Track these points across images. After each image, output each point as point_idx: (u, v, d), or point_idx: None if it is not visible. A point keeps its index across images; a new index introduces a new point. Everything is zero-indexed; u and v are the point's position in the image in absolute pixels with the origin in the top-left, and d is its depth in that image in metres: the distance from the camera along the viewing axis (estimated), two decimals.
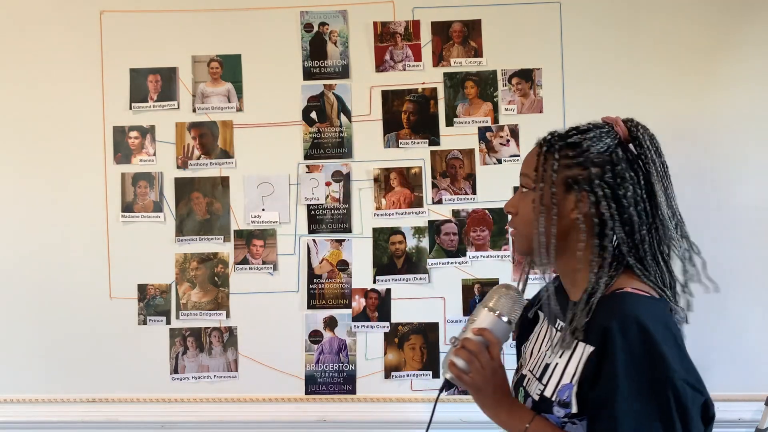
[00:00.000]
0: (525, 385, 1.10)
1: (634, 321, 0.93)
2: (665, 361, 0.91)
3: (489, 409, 1.06)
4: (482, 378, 1.03)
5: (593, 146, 1.02)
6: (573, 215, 1.02)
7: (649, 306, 0.98)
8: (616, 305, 0.97)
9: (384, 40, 1.83)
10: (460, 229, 1.82)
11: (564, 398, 0.99)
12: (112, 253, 1.86)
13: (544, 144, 1.06)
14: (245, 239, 1.85)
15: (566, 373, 1.00)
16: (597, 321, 0.97)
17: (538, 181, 1.03)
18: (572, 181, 1.02)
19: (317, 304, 1.84)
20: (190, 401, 1.86)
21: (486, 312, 1.06)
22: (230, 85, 1.85)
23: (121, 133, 1.86)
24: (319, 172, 1.84)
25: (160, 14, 1.85)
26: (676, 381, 0.91)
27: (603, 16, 1.78)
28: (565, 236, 1.03)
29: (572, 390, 0.98)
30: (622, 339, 0.92)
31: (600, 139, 1.03)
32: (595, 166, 1.01)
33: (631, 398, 0.91)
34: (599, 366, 0.94)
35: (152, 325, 1.86)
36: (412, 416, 1.81)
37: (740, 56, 1.76)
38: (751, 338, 1.76)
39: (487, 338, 1.04)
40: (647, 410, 0.91)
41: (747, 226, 1.76)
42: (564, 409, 0.99)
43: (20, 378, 1.88)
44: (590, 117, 1.13)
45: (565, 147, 1.03)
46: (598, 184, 1.00)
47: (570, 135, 1.05)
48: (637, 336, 0.92)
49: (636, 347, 0.92)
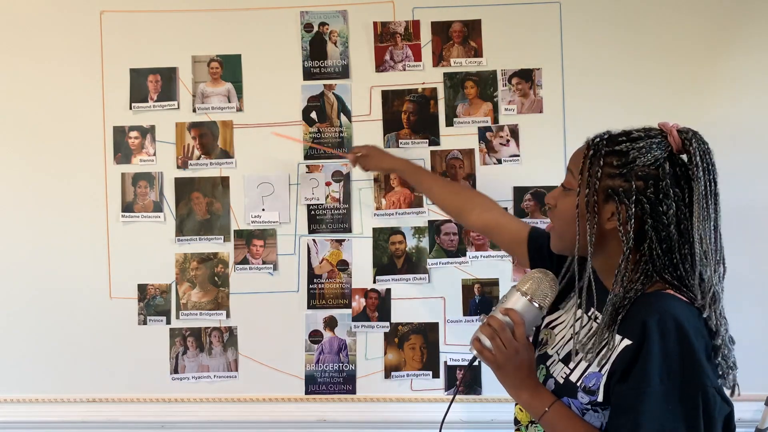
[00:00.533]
0: (548, 364, 1.10)
1: (674, 321, 0.93)
2: (701, 367, 0.92)
3: (510, 388, 1.07)
4: (503, 356, 1.03)
5: (640, 158, 0.98)
6: (609, 225, 1.01)
7: (687, 310, 0.97)
8: (658, 303, 0.96)
9: (384, 40, 1.83)
10: (460, 229, 1.82)
11: (590, 385, 1.00)
12: (112, 253, 1.86)
13: (592, 146, 1.03)
14: (245, 239, 1.85)
15: (595, 361, 1.00)
16: (635, 315, 0.97)
17: (583, 186, 1.02)
18: (612, 192, 1.00)
19: (317, 304, 1.84)
20: (189, 401, 1.86)
21: (518, 295, 1.07)
22: (230, 85, 1.85)
23: (121, 133, 1.86)
24: (319, 172, 1.84)
25: (160, 14, 1.85)
26: (708, 389, 0.92)
27: (603, 15, 1.78)
28: (601, 242, 1.02)
29: (600, 379, 0.99)
30: (660, 338, 0.92)
31: (649, 150, 0.99)
32: (638, 180, 0.98)
33: (661, 399, 0.91)
34: (633, 361, 0.94)
35: (152, 325, 1.86)
36: (412, 416, 1.82)
37: (741, 57, 1.76)
38: (751, 338, 1.76)
39: (513, 318, 1.04)
40: (675, 412, 0.91)
41: (747, 226, 1.76)
42: (589, 396, 1.00)
43: (20, 378, 1.88)
44: (590, 117, 1.13)
45: (612, 154, 1.01)
46: (638, 198, 0.98)
47: (620, 141, 1.01)
48: (674, 338, 0.92)
49: (672, 348, 0.92)
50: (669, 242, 0.98)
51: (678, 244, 0.99)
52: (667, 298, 0.97)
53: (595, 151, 1.02)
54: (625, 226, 0.99)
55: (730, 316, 1.09)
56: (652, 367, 0.92)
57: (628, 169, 0.99)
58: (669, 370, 0.92)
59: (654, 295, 0.98)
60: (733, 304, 1.76)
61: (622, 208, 0.99)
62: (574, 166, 1.05)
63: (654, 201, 0.98)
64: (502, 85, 1.81)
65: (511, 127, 1.81)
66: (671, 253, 0.99)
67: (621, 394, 0.95)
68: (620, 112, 1.72)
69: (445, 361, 1.83)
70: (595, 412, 1.00)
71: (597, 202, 1.00)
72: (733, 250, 1.75)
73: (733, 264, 1.75)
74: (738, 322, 1.56)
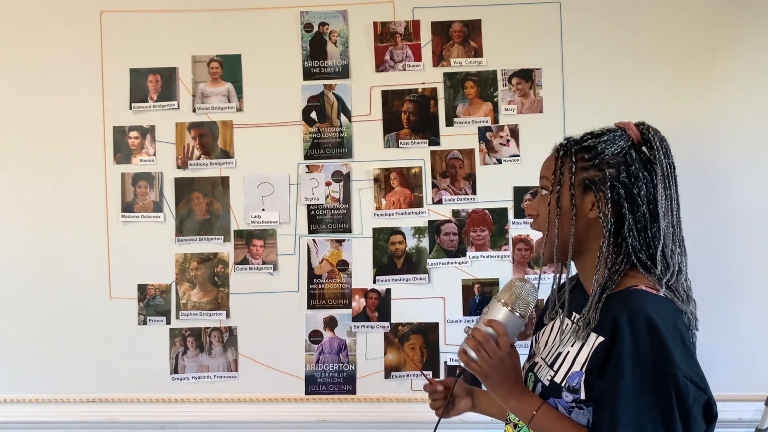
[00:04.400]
0: (536, 371, 1.14)
1: (643, 316, 0.97)
2: (670, 357, 0.95)
3: (499, 396, 1.11)
4: (489, 366, 1.07)
5: (608, 148, 1.07)
6: (592, 215, 1.08)
7: (659, 304, 1.01)
8: (628, 300, 1.02)
9: (384, 40, 1.83)
10: (460, 229, 1.82)
11: (573, 384, 1.04)
12: (112, 253, 1.86)
13: (561, 148, 1.11)
14: (245, 239, 1.85)
15: (577, 361, 1.05)
16: (608, 314, 1.02)
17: (556, 184, 1.09)
18: (590, 182, 1.07)
19: (317, 304, 1.84)
20: (190, 401, 1.86)
21: (499, 305, 1.10)
22: (230, 85, 1.85)
23: (121, 133, 1.86)
24: (319, 172, 1.84)
25: (160, 14, 1.85)
26: (679, 378, 0.95)
27: (603, 15, 1.78)
28: (583, 236, 1.09)
29: (581, 377, 1.03)
30: (630, 332, 0.97)
31: (614, 141, 1.07)
32: (610, 167, 1.06)
33: (634, 389, 0.96)
34: (607, 356, 0.99)
35: (152, 325, 1.86)
36: (412, 416, 1.81)
37: (741, 56, 1.76)
38: (751, 338, 1.76)
39: (496, 329, 1.08)
40: (649, 402, 0.95)
41: (748, 226, 1.76)
42: (573, 394, 1.04)
43: (20, 378, 1.88)
44: (590, 117, 1.15)
45: (581, 150, 1.08)
46: (613, 184, 1.06)
47: (585, 139, 1.09)
48: (644, 331, 0.96)
49: (643, 341, 0.96)
50: (643, 221, 1.06)
51: (649, 223, 1.06)
52: (638, 294, 1.03)
53: (565, 151, 1.10)
54: (605, 211, 1.06)
55: (731, 316, 1.10)
56: (624, 360, 0.97)
57: (600, 160, 1.07)
58: (641, 362, 0.96)
59: (623, 294, 1.04)
60: (733, 305, 1.77)
61: (600, 195, 1.06)
62: (547, 171, 1.12)
63: (627, 184, 1.06)
64: (502, 85, 1.81)
65: (511, 127, 1.81)
66: (645, 232, 1.06)
67: (599, 389, 1.00)
68: (620, 112, 1.70)
69: (445, 362, 1.83)
70: (580, 409, 1.04)
71: (575, 196, 1.08)
72: (733, 250, 1.77)
73: (733, 264, 1.77)
74: (738, 323, 1.57)
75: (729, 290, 1.75)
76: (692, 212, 1.74)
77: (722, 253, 1.76)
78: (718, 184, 1.77)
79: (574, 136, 1.12)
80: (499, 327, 1.08)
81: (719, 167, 1.77)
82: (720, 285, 1.75)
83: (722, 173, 1.77)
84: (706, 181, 1.76)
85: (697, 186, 1.75)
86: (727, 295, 1.76)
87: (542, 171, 1.14)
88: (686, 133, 1.75)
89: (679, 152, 1.86)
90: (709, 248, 1.75)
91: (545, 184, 1.12)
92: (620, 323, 0.98)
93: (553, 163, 1.11)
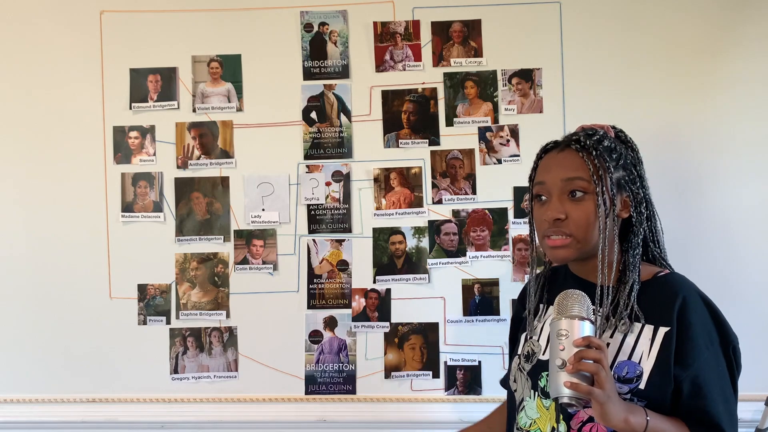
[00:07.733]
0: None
1: (698, 296, 1.09)
2: (729, 328, 1.10)
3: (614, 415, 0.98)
4: (611, 385, 0.97)
5: (621, 151, 1.13)
6: (624, 214, 1.13)
7: (694, 284, 1.12)
8: (676, 286, 1.09)
9: (384, 40, 1.83)
10: (460, 229, 1.82)
11: (623, 374, 1.05)
12: (112, 253, 1.86)
13: (591, 147, 1.10)
14: (245, 239, 1.85)
15: (622, 351, 1.07)
16: (658, 304, 1.08)
17: (599, 185, 1.08)
18: (624, 182, 1.12)
19: (317, 304, 1.84)
20: (190, 401, 1.86)
21: (577, 321, 1.00)
22: (230, 85, 1.85)
23: (121, 133, 1.86)
24: (319, 172, 1.84)
25: (160, 14, 1.85)
26: (736, 345, 1.10)
27: (603, 16, 1.78)
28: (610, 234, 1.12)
29: (636, 368, 1.05)
30: (695, 315, 1.06)
31: (612, 141, 1.14)
32: (634, 168, 1.14)
33: (712, 362, 1.06)
34: (680, 343, 1.05)
35: (152, 325, 1.86)
36: (412, 416, 1.81)
37: (742, 56, 1.75)
38: (751, 338, 1.76)
39: (595, 344, 0.97)
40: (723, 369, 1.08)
41: (747, 226, 1.76)
42: (626, 385, 1.05)
43: (20, 378, 1.88)
44: (590, 117, 1.17)
45: (605, 152, 1.11)
46: (640, 184, 1.14)
47: (600, 139, 1.12)
48: (704, 309, 1.08)
49: (706, 319, 1.07)
50: (654, 218, 1.17)
51: (658, 218, 1.18)
52: (679, 278, 1.12)
53: (595, 150, 1.10)
54: (638, 209, 1.12)
55: (731, 316, 1.11)
56: (698, 340, 1.05)
57: (623, 160, 1.12)
58: (710, 338, 1.06)
59: (668, 281, 1.11)
60: (733, 304, 1.77)
61: (630, 195, 1.12)
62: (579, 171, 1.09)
63: (644, 183, 1.15)
64: (502, 85, 1.81)
65: (511, 127, 1.81)
66: (656, 226, 1.18)
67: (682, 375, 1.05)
68: (620, 112, 1.72)
69: (445, 361, 1.83)
70: (639, 400, 1.05)
71: (616, 196, 1.11)
72: (733, 251, 1.77)
73: (733, 264, 1.77)
74: (738, 323, 1.55)
75: (729, 290, 1.75)
76: (690, 213, 1.76)
77: (722, 254, 1.76)
78: (718, 184, 1.76)
79: (580, 134, 1.13)
80: (596, 341, 0.97)
81: (719, 168, 1.77)
82: (720, 285, 1.75)
83: (722, 173, 1.77)
84: (706, 181, 1.76)
85: (697, 186, 1.75)
86: (727, 295, 1.75)
87: (570, 172, 1.10)
88: (685, 132, 1.75)
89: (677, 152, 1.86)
90: (709, 248, 1.75)
91: (582, 185, 1.08)
92: (680, 309, 1.05)
93: (582, 162, 1.09)
